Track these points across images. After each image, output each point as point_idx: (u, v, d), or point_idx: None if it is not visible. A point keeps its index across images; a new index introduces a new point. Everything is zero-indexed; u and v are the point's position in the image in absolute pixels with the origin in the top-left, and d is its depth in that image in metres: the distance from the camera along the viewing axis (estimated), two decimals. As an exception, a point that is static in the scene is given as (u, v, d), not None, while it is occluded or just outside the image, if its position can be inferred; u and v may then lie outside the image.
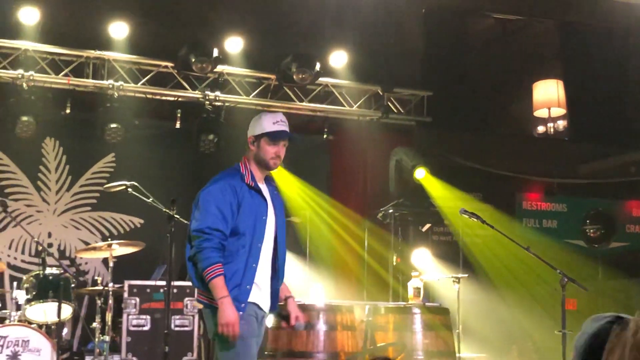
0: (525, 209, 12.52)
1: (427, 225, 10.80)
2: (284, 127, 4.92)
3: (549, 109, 12.57)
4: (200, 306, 4.95)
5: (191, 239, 4.79)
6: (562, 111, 12.67)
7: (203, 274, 4.63)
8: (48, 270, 7.85)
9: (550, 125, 12.86)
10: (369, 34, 10.89)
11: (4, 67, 9.51)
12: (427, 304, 8.37)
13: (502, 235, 6.75)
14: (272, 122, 4.90)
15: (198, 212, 4.79)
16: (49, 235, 10.23)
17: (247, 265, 4.73)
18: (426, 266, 9.84)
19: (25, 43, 9.49)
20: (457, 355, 8.18)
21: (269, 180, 5.07)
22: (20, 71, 9.44)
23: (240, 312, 4.64)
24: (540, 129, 13.04)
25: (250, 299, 4.72)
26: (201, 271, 4.65)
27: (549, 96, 12.50)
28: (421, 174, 10.64)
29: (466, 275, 9.00)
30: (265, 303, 4.85)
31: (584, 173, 12.64)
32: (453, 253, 10.83)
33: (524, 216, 12.46)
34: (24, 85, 9.45)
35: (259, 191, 4.89)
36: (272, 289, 4.89)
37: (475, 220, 6.63)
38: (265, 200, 4.91)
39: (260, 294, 4.80)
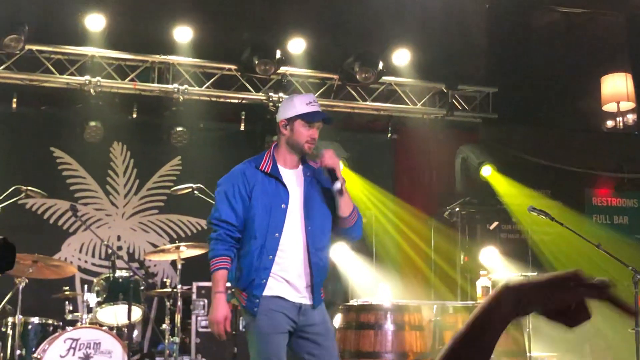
0: (595, 205, 12.31)
1: (495, 223, 10.69)
2: (318, 107, 4.72)
3: (618, 103, 12.30)
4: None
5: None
6: (631, 105, 12.40)
7: (210, 262, 4.59)
8: (118, 273, 7.97)
9: (619, 119, 12.59)
10: (432, 31, 10.81)
11: (72, 74, 9.67)
12: (496, 303, 8.27)
13: (572, 232, 6.64)
14: (305, 102, 4.70)
15: (215, 200, 4.76)
16: (118, 238, 10.37)
17: (262, 257, 4.51)
18: (494, 264, 9.75)
19: (92, 49, 9.64)
20: (528, 354, 8.07)
21: (308, 166, 4.79)
22: (87, 77, 9.59)
23: (255, 308, 4.49)
24: (609, 123, 12.78)
25: (271, 293, 4.51)
26: (209, 257, 4.61)
27: (617, 90, 12.24)
28: (488, 171, 10.53)
29: (535, 273, 8.88)
30: (297, 295, 4.57)
31: (655, 167, 12.38)
32: (521, 251, 10.69)
33: (594, 212, 12.25)
34: (92, 90, 9.60)
35: (277, 177, 4.65)
36: (309, 282, 4.60)
37: (544, 217, 6.53)
38: (285, 186, 4.64)
39: (287, 286, 4.55)
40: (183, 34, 9.79)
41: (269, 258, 4.51)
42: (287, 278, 4.55)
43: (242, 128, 10.47)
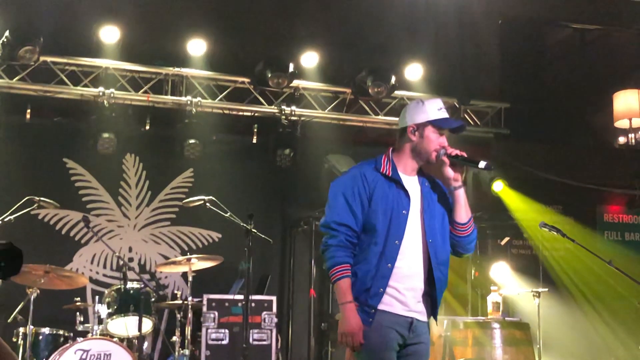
0: (606, 222, 12.27)
1: (506, 239, 10.68)
2: (447, 113, 4.48)
3: (630, 119, 12.27)
4: None
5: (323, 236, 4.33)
6: (643, 121, 12.40)
7: (329, 275, 4.22)
8: (129, 285, 7.97)
9: (631, 135, 12.57)
10: (445, 46, 10.84)
11: (86, 85, 9.72)
12: (506, 318, 8.27)
13: (583, 248, 6.63)
14: (437, 108, 4.44)
15: (328, 203, 4.33)
16: (130, 249, 10.39)
17: (380, 265, 4.19)
18: (505, 280, 9.73)
19: (106, 61, 9.69)
20: (538, 370, 8.05)
21: (425, 176, 4.50)
22: (101, 89, 9.64)
23: (370, 319, 4.17)
24: (622, 139, 12.76)
25: (384, 307, 4.20)
26: (327, 271, 4.23)
27: (629, 106, 12.22)
28: (499, 186, 10.52)
29: (546, 289, 8.88)
30: (409, 309, 4.27)
31: (667, 184, 12.34)
32: (533, 267, 10.67)
33: (606, 229, 12.21)
34: (105, 102, 9.65)
35: (398, 182, 4.35)
36: (426, 294, 4.33)
37: (555, 233, 6.52)
38: (407, 192, 4.34)
39: (402, 298, 4.25)
40: (197, 46, 9.84)
41: (387, 266, 4.21)
42: (402, 289, 4.26)
43: (254, 141, 10.49)
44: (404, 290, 4.25)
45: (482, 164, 4.39)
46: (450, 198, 4.48)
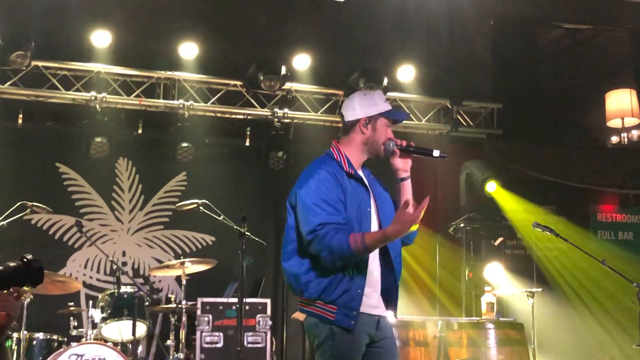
0: (600, 221, 12.29)
1: (500, 239, 10.69)
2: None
3: (623, 118, 12.30)
4: (302, 317, 4.23)
5: (307, 245, 4.09)
6: (636, 121, 12.40)
7: (353, 256, 3.95)
8: (123, 289, 7.97)
9: (624, 135, 12.60)
10: (437, 47, 10.85)
11: (78, 90, 9.71)
12: (501, 319, 8.28)
13: (577, 248, 6.64)
14: (383, 100, 4.34)
15: (304, 212, 4.09)
16: (123, 254, 10.38)
17: (357, 266, 4.07)
18: (499, 280, 9.74)
19: (98, 65, 9.68)
20: (533, 370, 8.05)
21: (365, 167, 4.42)
22: (93, 93, 9.63)
23: (352, 322, 4.04)
24: (614, 139, 12.79)
25: (362, 309, 4.08)
26: (348, 258, 3.96)
27: (622, 106, 12.25)
28: (492, 187, 10.54)
29: (540, 289, 8.88)
30: (376, 308, 4.19)
31: (660, 183, 12.37)
32: (526, 267, 10.69)
33: (599, 228, 12.23)
34: (97, 106, 9.64)
35: (360, 179, 4.27)
36: (384, 287, 4.22)
37: (548, 233, 6.53)
38: (368, 189, 4.28)
39: (371, 298, 4.14)
40: (189, 50, 9.84)
41: (363, 267, 4.09)
42: (371, 288, 4.14)
43: (247, 144, 10.50)
44: (371, 289, 4.16)
45: (435, 153, 4.37)
46: (397, 189, 4.41)
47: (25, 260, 2.60)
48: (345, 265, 4.04)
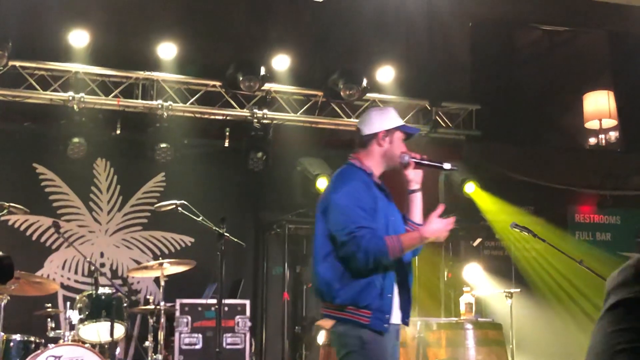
0: (578, 222, 12.35)
1: (478, 240, 10.72)
2: None
3: (600, 120, 12.41)
4: (329, 325, 4.32)
5: (340, 247, 4.21)
6: (613, 122, 12.51)
7: (388, 257, 4.12)
8: (101, 290, 7.93)
9: (601, 136, 12.70)
10: (416, 49, 10.88)
11: (55, 90, 9.66)
12: (479, 319, 8.29)
13: (555, 248, 6.67)
14: (397, 115, 4.55)
15: (340, 215, 4.23)
16: (101, 255, 10.33)
17: (387, 272, 4.23)
18: (478, 281, 9.77)
19: (76, 66, 9.63)
20: (511, 371, 8.08)
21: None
22: (71, 93, 9.58)
23: (386, 325, 4.18)
24: (592, 140, 12.89)
25: (392, 314, 4.24)
26: (384, 259, 4.12)
27: (599, 107, 12.35)
28: (471, 188, 10.57)
29: (519, 290, 8.91)
30: (397, 315, 4.32)
31: (637, 184, 12.44)
32: (505, 268, 10.72)
33: (577, 229, 12.29)
34: (75, 107, 9.59)
35: (384, 190, 4.48)
36: (402, 301, 4.36)
37: (526, 234, 6.56)
38: (391, 199, 4.50)
39: (396, 305, 4.30)
40: (167, 50, 9.81)
41: (391, 273, 4.27)
42: (396, 297, 4.32)
43: (226, 144, 10.47)
44: (396, 297, 4.31)
45: (446, 166, 4.60)
46: (409, 200, 4.59)
47: None
48: (375, 269, 4.17)
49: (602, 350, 1.34)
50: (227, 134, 10.45)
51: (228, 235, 7.84)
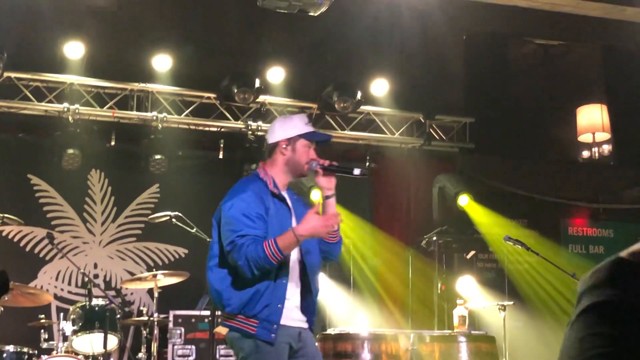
0: (571, 235, 12.37)
1: (472, 253, 10.73)
2: (313, 128, 4.67)
3: (594, 133, 12.44)
4: (225, 332, 4.45)
5: (227, 256, 4.34)
6: (606, 136, 12.54)
7: (268, 262, 4.18)
8: (94, 301, 7.91)
9: (595, 150, 12.74)
10: (410, 62, 10.91)
11: (50, 101, 9.68)
12: (472, 332, 8.30)
13: (548, 262, 6.69)
14: (304, 122, 4.61)
15: (226, 226, 4.39)
16: (95, 266, 10.32)
17: (277, 281, 4.35)
18: (471, 294, 9.77)
19: (71, 77, 9.66)
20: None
21: (290, 190, 4.74)
22: (65, 104, 9.60)
23: (273, 335, 4.31)
24: (585, 153, 12.92)
25: (283, 322, 4.36)
26: (264, 264, 4.19)
27: (593, 121, 12.38)
28: (464, 200, 10.59)
29: (512, 302, 8.91)
30: (297, 321, 4.48)
31: (630, 198, 12.47)
32: (498, 280, 10.74)
33: (570, 242, 12.31)
34: (70, 118, 9.61)
35: (283, 199, 4.56)
36: (304, 303, 4.51)
37: (520, 247, 6.58)
38: (290, 208, 4.57)
39: (292, 311, 4.44)
40: (162, 62, 9.83)
41: (283, 282, 4.38)
42: (292, 302, 4.44)
43: (220, 156, 10.48)
44: (292, 303, 4.43)
45: (356, 171, 4.57)
46: (323, 207, 4.62)
47: None
48: (263, 275, 4.28)
49: (574, 355, 1.34)
50: (222, 145, 10.47)
51: (222, 247, 7.84)
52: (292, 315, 4.44)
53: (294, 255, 4.46)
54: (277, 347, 4.34)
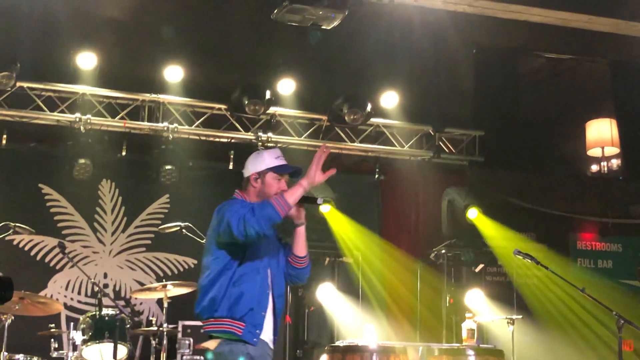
0: (579, 249, 12.36)
1: (481, 266, 10.74)
2: (285, 161, 4.89)
3: (603, 148, 12.46)
4: (214, 346, 4.68)
5: (238, 236, 4.50)
6: (615, 150, 12.55)
7: (276, 213, 4.42)
8: (104, 311, 7.94)
9: (603, 164, 12.75)
10: (420, 75, 10.93)
11: (62, 111, 9.73)
12: (481, 345, 8.31)
13: (557, 276, 6.69)
14: (274, 157, 4.87)
15: (227, 222, 4.58)
16: (105, 276, 10.35)
17: (262, 290, 4.64)
18: (480, 307, 9.78)
19: (83, 87, 9.71)
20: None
21: None
22: (77, 115, 9.65)
23: (255, 339, 4.55)
24: (594, 168, 12.93)
25: (262, 335, 4.59)
26: (273, 215, 4.43)
27: (602, 135, 12.40)
28: (474, 214, 10.59)
29: (520, 316, 8.92)
30: (270, 339, 4.73)
31: (639, 212, 12.46)
32: (507, 294, 10.73)
33: (579, 256, 12.29)
34: (82, 128, 9.66)
35: None
36: (274, 323, 4.77)
37: (529, 261, 6.58)
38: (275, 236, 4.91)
39: (268, 327, 4.69)
40: (174, 73, 9.88)
41: (266, 292, 4.68)
42: (269, 318, 4.70)
43: (230, 167, 10.51)
44: (269, 318, 4.69)
45: (319, 201, 5.02)
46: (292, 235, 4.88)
47: None
48: (254, 288, 4.58)
49: None
50: (232, 156, 10.49)
51: (231, 257, 7.86)
52: (268, 331, 4.67)
53: (268, 275, 4.70)
54: (260, 350, 4.58)
